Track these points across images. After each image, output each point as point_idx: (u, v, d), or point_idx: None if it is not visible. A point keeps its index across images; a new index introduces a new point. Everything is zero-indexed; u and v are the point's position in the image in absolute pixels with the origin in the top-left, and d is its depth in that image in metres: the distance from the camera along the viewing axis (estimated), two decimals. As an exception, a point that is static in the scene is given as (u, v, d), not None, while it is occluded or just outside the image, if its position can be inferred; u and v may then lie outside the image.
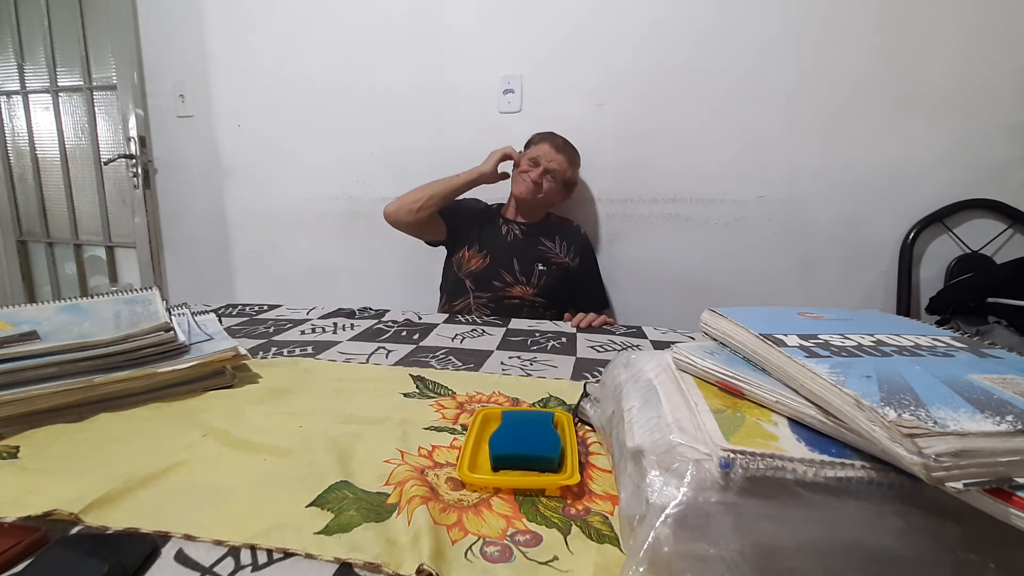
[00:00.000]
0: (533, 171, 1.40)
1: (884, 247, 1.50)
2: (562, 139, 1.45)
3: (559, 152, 1.42)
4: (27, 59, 2.17)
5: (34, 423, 0.57)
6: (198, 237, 2.04)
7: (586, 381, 0.70)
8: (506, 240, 1.46)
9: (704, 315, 0.53)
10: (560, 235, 1.49)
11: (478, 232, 1.48)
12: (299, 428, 0.56)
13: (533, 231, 1.48)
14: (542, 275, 1.43)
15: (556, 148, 1.42)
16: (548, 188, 1.42)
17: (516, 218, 1.50)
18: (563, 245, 1.48)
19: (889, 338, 0.44)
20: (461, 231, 1.49)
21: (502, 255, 1.44)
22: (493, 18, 1.62)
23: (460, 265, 1.46)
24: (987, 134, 1.39)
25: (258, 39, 1.82)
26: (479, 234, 1.48)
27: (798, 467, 0.32)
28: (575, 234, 1.51)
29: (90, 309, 0.70)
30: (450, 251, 1.53)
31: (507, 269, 1.43)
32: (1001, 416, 0.30)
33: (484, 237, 1.47)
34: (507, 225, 1.49)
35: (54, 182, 2.25)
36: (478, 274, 1.43)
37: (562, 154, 1.42)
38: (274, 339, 0.93)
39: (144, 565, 0.36)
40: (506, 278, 1.42)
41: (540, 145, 1.43)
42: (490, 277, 1.43)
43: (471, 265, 1.45)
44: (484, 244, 1.46)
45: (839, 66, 1.44)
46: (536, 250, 1.45)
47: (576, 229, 1.53)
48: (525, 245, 1.45)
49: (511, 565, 0.37)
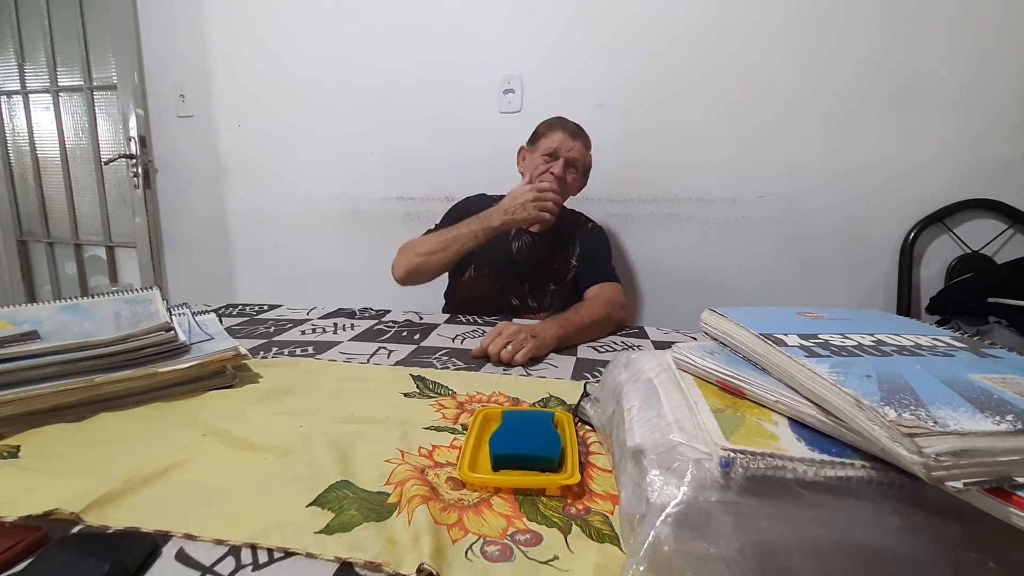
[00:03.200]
0: (554, 165, 1.19)
1: (884, 247, 1.50)
2: (573, 123, 1.27)
3: (575, 139, 1.23)
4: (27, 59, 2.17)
5: (35, 423, 0.57)
6: (198, 237, 2.04)
7: (586, 381, 0.70)
8: (516, 258, 1.27)
9: (704, 315, 0.53)
10: (570, 236, 1.31)
11: (486, 247, 1.22)
12: (300, 428, 0.57)
13: (546, 239, 1.29)
14: (554, 296, 1.27)
15: (572, 134, 1.23)
16: (572, 181, 1.25)
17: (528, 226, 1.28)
18: (569, 247, 1.30)
19: (889, 338, 0.44)
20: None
21: (511, 277, 1.27)
22: (493, 18, 1.62)
23: (466, 289, 1.30)
24: (987, 134, 1.39)
25: (258, 39, 1.82)
26: (486, 250, 1.23)
27: (798, 466, 0.32)
28: (582, 228, 1.34)
29: (90, 309, 0.70)
30: (452, 273, 1.34)
31: (517, 295, 1.27)
32: (1001, 416, 0.30)
33: (493, 253, 1.26)
34: (519, 240, 1.28)
35: (54, 182, 2.24)
36: (485, 301, 1.27)
37: (579, 140, 1.24)
38: (275, 339, 0.93)
39: (145, 564, 0.36)
40: (515, 304, 1.27)
41: (553, 134, 1.23)
42: (499, 304, 1.27)
43: (478, 291, 1.28)
44: (493, 263, 1.27)
45: (839, 66, 1.44)
46: (548, 267, 1.27)
47: (584, 223, 1.36)
48: (536, 260, 1.27)
49: (511, 564, 0.37)
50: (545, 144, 1.22)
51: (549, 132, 1.23)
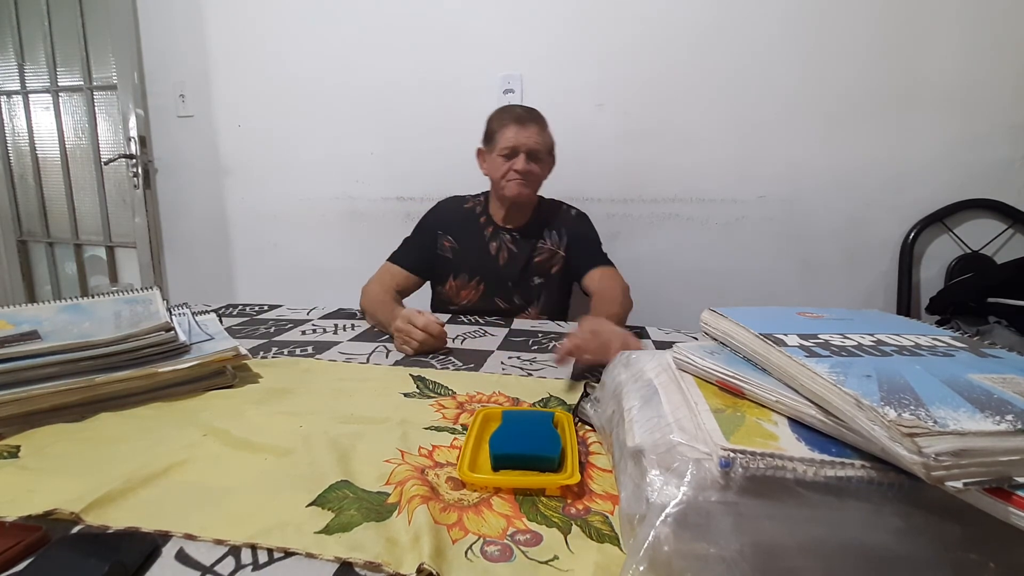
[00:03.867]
0: (516, 162, 1.15)
1: (884, 247, 1.50)
2: (521, 108, 1.19)
3: (528, 125, 1.15)
4: (27, 59, 2.17)
5: (35, 423, 0.57)
6: (198, 237, 2.04)
7: (586, 380, 0.70)
8: (497, 262, 1.23)
9: (704, 315, 0.53)
10: (552, 226, 1.26)
11: (463, 255, 1.23)
12: (299, 428, 0.56)
13: (526, 234, 1.24)
14: (541, 289, 1.24)
15: (523, 122, 1.15)
16: (539, 169, 1.19)
17: (505, 224, 1.24)
18: (553, 235, 1.25)
19: (889, 338, 0.44)
20: (439, 262, 1.25)
21: (494, 281, 1.23)
22: (493, 18, 1.62)
23: (449, 299, 1.26)
24: (987, 134, 1.40)
25: (258, 39, 1.82)
26: (464, 256, 1.23)
27: (798, 466, 0.32)
28: (565, 216, 1.28)
29: (91, 309, 0.70)
30: (434, 284, 1.30)
31: (503, 297, 1.23)
32: (1001, 415, 0.30)
33: (471, 259, 1.23)
34: (496, 239, 1.24)
35: (54, 182, 2.24)
36: (470, 308, 1.22)
37: (532, 125, 1.16)
38: (274, 339, 0.93)
39: (145, 564, 0.36)
40: (502, 307, 1.23)
41: (505, 131, 1.16)
42: (485, 308, 1.22)
43: (462, 298, 1.24)
44: (473, 269, 1.23)
45: (839, 66, 1.44)
46: (532, 263, 1.23)
47: (567, 210, 1.29)
48: (519, 260, 1.23)
49: (511, 564, 0.37)
50: (501, 142, 1.16)
51: (501, 128, 1.17)
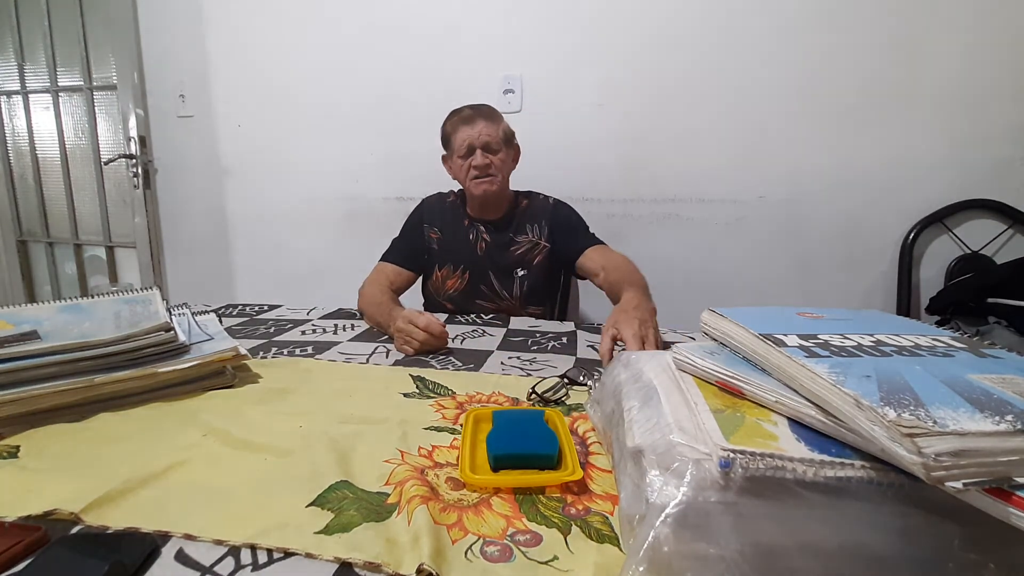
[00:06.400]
0: (474, 159, 1.17)
1: (884, 247, 1.50)
2: (468, 108, 1.21)
3: (475, 122, 1.18)
4: (27, 59, 2.17)
5: (34, 423, 0.57)
6: (198, 237, 2.04)
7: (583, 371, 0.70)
8: (476, 253, 1.26)
9: (704, 315, 0.53)
10: (530, 219, 1.27)
11: (447, 244, 1.27)
12: (299, 428, 0.56)
13: (502, 228, 1.26)
14: (523, 280, 1.24)
15: (471, 121, 1.18)
16: (500, 159, 1.20)
17: (481, 216, 1.27)
18: (534, 228, 1.26)
19: (889, 338, 0.44)
20: (428, 254, 1.30)
21: (477, 270, 1.26)
22: (493, 18, 1.62)
23: (437, 289, 1.29)
24: (987, 134, 1.39)
25: (258, 39, 1.82)
26: (448, 246, 1.27)
27: (798, 467, 0.32)
28: (543, 206, 1.29)
29: (90, 309, 0.70)
30: (424, 275, 1.34)
31: (486, 285, 1.25)
32: (1001, 416, 0.30)
33: (455, 248, 1.27)
34: (473, 231, 1.27)
35: (54, 182, 2.24)
36: (456, 298, 1.27)
37: (480, 120, 1.18)
38: (274, 339, 0.93)
39: (144, 565, 0.36)
40: (486, 294, 1.26)
41: (458, 133, 1.19)
42: (471, 296, 1.26)
43: (448, 287, 1.28)
44: (457, 258, 1.26)
45: (839, 66, 1.44)
46: (511, 255, 1.25)
47: (544, 201, 1.30)
48: (498, 252, 1.25)
49: (511, 565, 0.37)
50: (456, 144, 1.20)
51: (453, 132, 1.21)
